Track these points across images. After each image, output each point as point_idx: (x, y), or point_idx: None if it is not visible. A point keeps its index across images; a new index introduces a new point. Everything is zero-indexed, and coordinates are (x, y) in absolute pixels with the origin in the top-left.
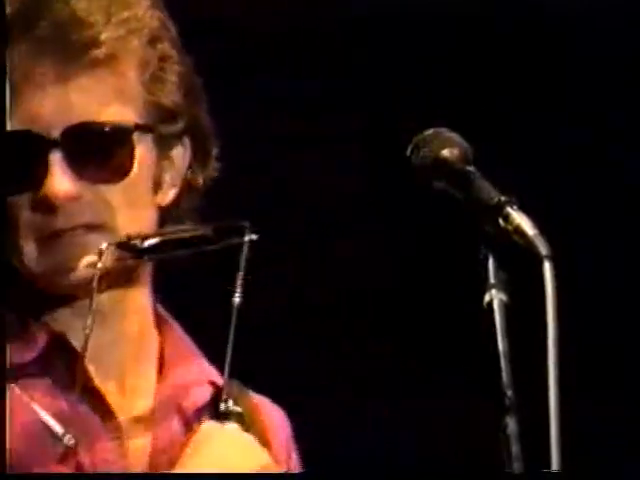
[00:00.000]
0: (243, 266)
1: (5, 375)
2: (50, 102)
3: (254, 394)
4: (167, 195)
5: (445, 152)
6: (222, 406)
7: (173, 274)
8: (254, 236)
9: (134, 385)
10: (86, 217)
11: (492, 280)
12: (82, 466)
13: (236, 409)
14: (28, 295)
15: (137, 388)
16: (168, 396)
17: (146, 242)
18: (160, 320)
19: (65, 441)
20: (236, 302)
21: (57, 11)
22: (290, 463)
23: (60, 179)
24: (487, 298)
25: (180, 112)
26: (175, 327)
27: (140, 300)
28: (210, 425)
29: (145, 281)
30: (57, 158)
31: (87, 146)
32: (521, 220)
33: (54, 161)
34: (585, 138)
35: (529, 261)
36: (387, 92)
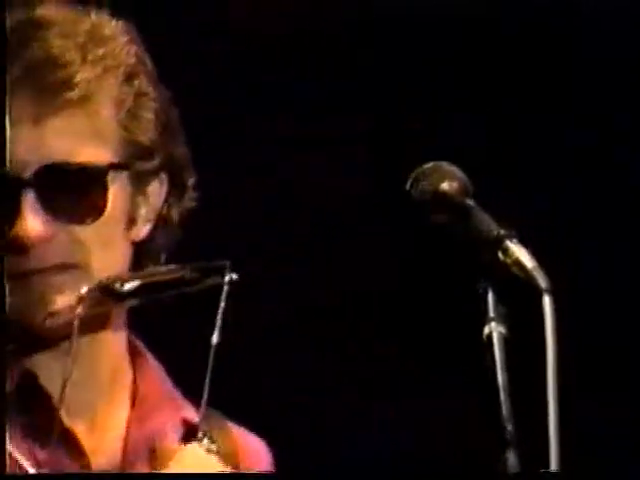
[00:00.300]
0: (222, 307)
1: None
2: (24, 142)
3: (233, 425)
4: (141, 230)
5: (445, 185)
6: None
7: (151, 309)
8: (234, 276)
9: (105, 424)
10: (59, 257)
11: (491, 313)
12: None
13: (212, 448)
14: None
15: (108, 427)
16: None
17: (126, 286)
18: (134, 351)
19: None
20: (214, 341)
21: (33, 50)
22: None
23: (32, 220)
24: (486, 331)
25: (156, 148)
26: (149, 359)
27: (114, 337)
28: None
29: (120, 318)
30: (29, 198)
31: (60, 186)
32: (520, 253)
33: (26, 201)
34: (591, 140)
35: (528, 294)
36: (393, 94)
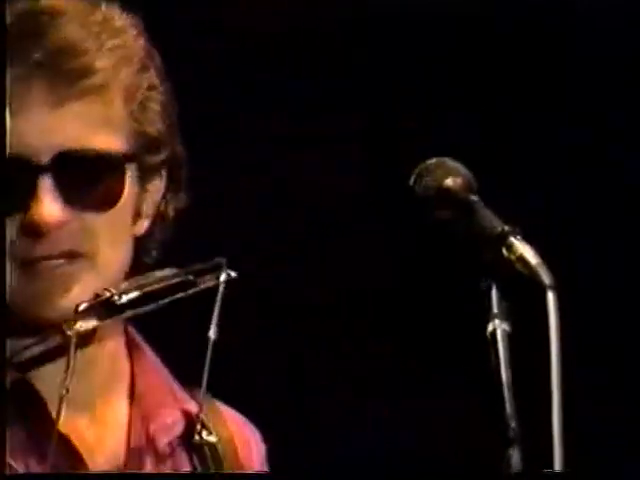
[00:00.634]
0: (219, 303)
1: (5, 375)
2: (40, 127)
3: (225, 408)
4: (142, 226)
5: (448, 181)
6: (196, 437)
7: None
8: (233, 273)
9: (105, 419)
10: (69, 245)
11: (495, 310)
12: None
13: (210, 439)
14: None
15: (108, 423)
16: (141, 430)
17: (124, 297)
18: (131, 344)
19: None
20: (212, 337)
21: (50, 38)
22: None
23: (49, 205)
24: (490, 328)
25: (163, 142)
26: (146, 351)
27: (112, 331)
28: None
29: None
30: (46, 183)
31: (78, 173)
32: (524, 250)
33: (43, 186)
34: (585, 138)
35: (532, 291)
36: (387, 92)
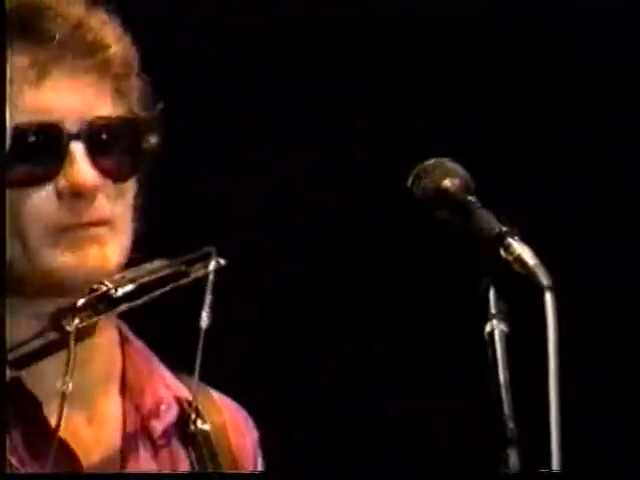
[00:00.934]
0: (209, 291)
1: (5, 375)
2: (68, 98)
3: (221, 397)
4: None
5: (446, 182)
6: (191, 427)
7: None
8: (222, 261)
9: (102, 416)
10: (102, 211)
11: (493, 311)
12: None
13: (204, 428)
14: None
15: (105, 419)
16: (135, 421)
17: (120, 291)
18: (123, 338)
19: None
20: (203, 325)
21: (66, 15)
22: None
23: (85, 169)
24: (488, 328)
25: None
26: (133, 342)
27: (106, 330)
28: None
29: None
30: (80, 150)
31: (107, 141)
32: (522, 250)
33: (78, 152)
34: (589, 138)
35: (530, 292)
36: (391, 92)
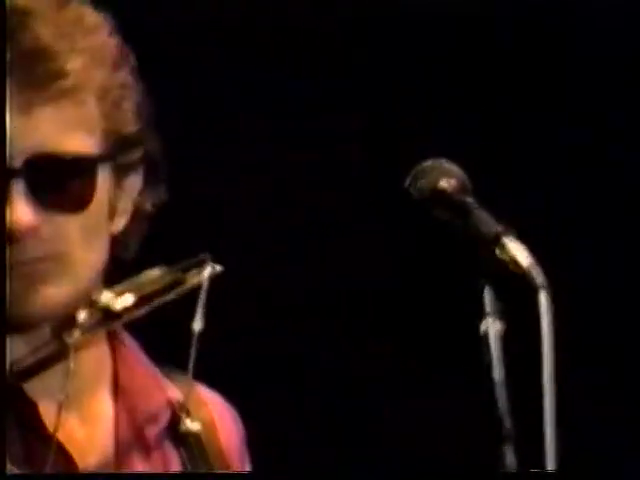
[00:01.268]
0: (204, 297)
1: (5, 375)
2: (12, 131)
3: (206, 392)
4: (119, 223)
5: (443, 183)
6: (182, 427)
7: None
8: (218, 267)
9: (92, 415)
10: (43, 249)
11: (488, 310)
12: None
13: (194, 428)
14: None
15: (96, 421)
16: (127, 423)
17: (120, 303)
18: (112, 336)
19: None
20: (197, 328)
21: (20, 39)
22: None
23: (23, 209)
24: (483, 327)
25: (138, 140)
26: (127, 341)
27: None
28: None
29: None
30: (19, 188)
31: (49, 176)
32: (517, 250)
33: (16, 191)
34: (585, 138)
35: (525, 291)
36: (387, 92)
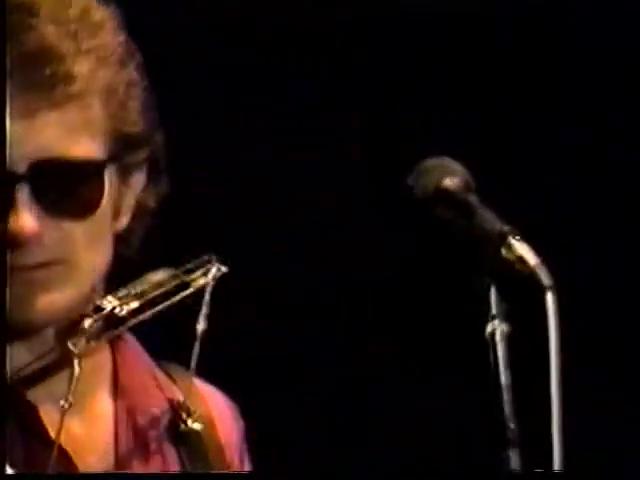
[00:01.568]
0: (207, 298)
1: (5, 375)
2: (16, 136)
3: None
4: (123, 222)
5: (447, 181)
6: (182, 426)
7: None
8: (223, 268)
9: (92, 415)
10: (47, 255)
11: (494, 311)
12: None
13: (195, 427)
14: None
15: (96, 420)
16: (127, 424)
17: (126, 308)
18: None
19: None
20: (200, 329)
21: (25, 40)
22: (242, 466)
23: (26, 216)
24: (489, 328)
25: (144, 139)
26: (128, 340)
27: None
28: None
29: None
30: (23, 194)
31: (55, 181)
32: (523, 250)
33: (20, 197)
34: (585, 138)
35: (531, 291)
36: (387, 92)
